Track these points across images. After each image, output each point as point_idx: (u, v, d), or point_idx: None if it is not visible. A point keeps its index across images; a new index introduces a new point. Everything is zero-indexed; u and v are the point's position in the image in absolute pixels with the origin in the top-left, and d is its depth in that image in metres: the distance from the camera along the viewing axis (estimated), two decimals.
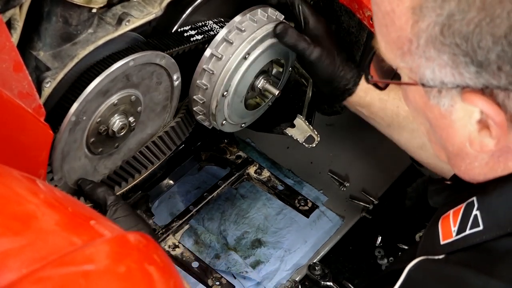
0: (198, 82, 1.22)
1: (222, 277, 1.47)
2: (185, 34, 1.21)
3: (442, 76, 0.71)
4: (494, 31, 0.65)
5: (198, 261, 1.48)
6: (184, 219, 1.55)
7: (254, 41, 1.21)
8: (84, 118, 1.11)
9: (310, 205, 1.61)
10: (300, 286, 1.55)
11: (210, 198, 1.59)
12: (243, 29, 1.20)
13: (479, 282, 0.73)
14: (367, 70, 0.81)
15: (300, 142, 1.43)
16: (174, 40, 1.20)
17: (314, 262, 1.58)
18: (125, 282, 0.61)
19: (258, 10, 1.22)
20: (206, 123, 1.31)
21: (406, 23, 0.70)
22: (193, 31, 1.22)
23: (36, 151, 1.02)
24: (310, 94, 1.44)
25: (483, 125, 0.72)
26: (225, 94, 1.23)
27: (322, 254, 1.62)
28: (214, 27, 1.25)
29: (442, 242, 0.80)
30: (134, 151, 1.31)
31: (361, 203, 1.72)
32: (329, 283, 1.53)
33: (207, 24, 1.26)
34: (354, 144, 1.84)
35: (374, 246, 1.63)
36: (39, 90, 1.03)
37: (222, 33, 1.20)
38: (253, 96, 1.34)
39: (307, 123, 1.43)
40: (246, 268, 1.57)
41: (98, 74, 1.07)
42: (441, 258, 0.80)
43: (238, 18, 1.21)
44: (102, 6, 1.04)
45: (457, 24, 0.67)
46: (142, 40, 1.17)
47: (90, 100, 1.09)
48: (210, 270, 1.48)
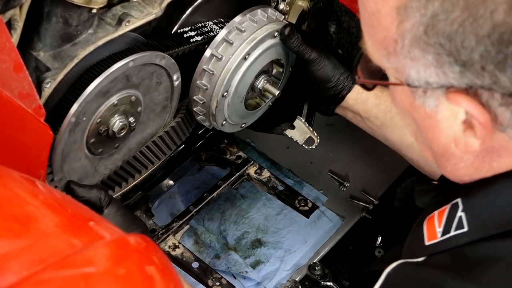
0: (198, 82, 1.22)
1: (222, 277, 1.47)
2: (185, 35, 1.21)
3: (426, 76, 0.71)
4: (477, 31, 0.65)
5: (198, 261, 1.48)
6: (184, 219, 1.55)
7: (254, 41, 1.21)
8: (84, 118, 1.11)
9: (310, 205, 1.61)
10: (300, 286, 1.55)
11: (210, 198, 1.59)
12: (243, 29, 1.20)
13: (455, 285, 0.73)
14: (355, 71, 0.82)
15: (300, 143, 1.43)
16: (174, 41, 1.20)
17: (314, 262, 1.58)
18: (125, 284, 0.61)
19: (258, 11, 1.22)
20: (206, 124, 1.31)
21: (391, 23, 0.70)
22: (193, 32, 1.22)
23: (36, 152, 1.02)
24: None
25: (468, 125, 0.72)
26: (225, 94, 1.23)
27: (322, 254, 1.62)
28: (214, 28, 1.25)
29: (427, 243, 0.80)
30: (135, 151, 1.31)
31: (361, 203, 1.72)
32: (329, 283, 1.53)
33: (207, 25, 1.26)
34: (354, 144, 1.84)
35: (374, 246, 1.63)
36: (39, 90, 1.03)
37: (222, 33, 1.20)
38: (253, 96, 1.34)
39: (307, 125, 1.43)
40: (246, 268, 1.57)
41: (98, 74, 1.07)
42: (420, 261, 0.80)
43: (238, 19, 1.20)
44: (102, 6, 1.04)
45: (441, 24, 0.67)
46: (142, 40, 1.17)
47: (90, 100, 1.08)
48: (210, 270, 1.48)
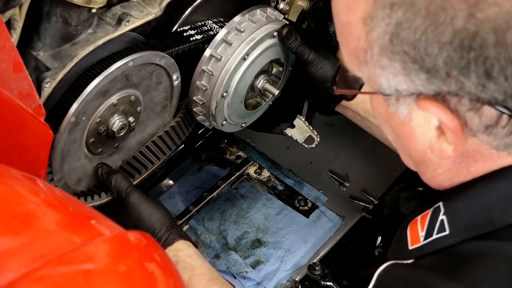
0: (197, 83, 1.22)
1: (222, 277, 1.47)
2: (184, 34, 1.21)
3: (396, 84, 0.72)
4: (439, 38, 0.66)
5: None
6: (184, 219, 1.55)
7: (253, 41, 1.21)
8: (83, 118, 1.11)
9: (310, 205, 1.61)
10: (300, 286, 1.55)
11: (210, 198, 1.59)
12: (242, 29, 1.20)
13: (444, 286, 0.75)
14: (334, 81, 0.83)
15: (300, 142, 1.43)
16: (173, 40, 1.20)
17: (314, 262, 1.58)
18: (125, 281, 0.62)
19: (257, 11, 1.22)
20: (206, 124, 1.32)
21: (360, 33, 0.72)
22: (192, 31, 1.22)
23: (36, 151, 1.02)
24: None
25: (441, 131, 0.73)
26: (224, 95, 1.23)
27: (322, 254, 1.62)
28: (214, 27, 1.25)
29: (411, 247, 0.81)
30: (134, 151, 1.31)
31: (361, 203, 1.72)
32: (329, 283, 1.53)
33: (207, 24, 1.26)
34: (354, 144, 1.84)
35: (374, 246, 1.63)
36: (39, 90, 1.03)
37: (221, 33, 1.20)
38: (253, 96, 1.34)
39: (307, 124, 1.43)
40: (246, 268, 1.57)
41: (98, 74, 1.07)
42: (409, 262, 0.81)
43: (237, 19, 1.21)
44: (101, 6, 1.04)
45: (404, 32, 0.68)
46: (142, 40, 1.17)
47: (90, 100, 1.09)
48: None
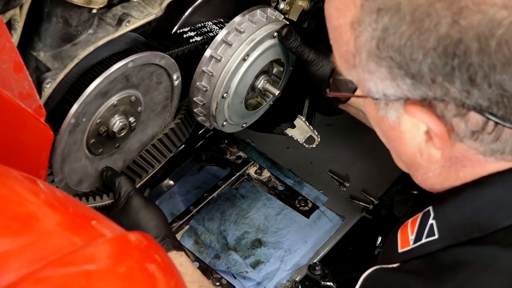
0: (198, 84, 1.22)
1: (222, 277, 1.47)
2: (184, 36, 1.21)
3: (383, 88, 0.73)
4: (423, 44, 0.67)
5: (198, 261, 1.49)
6: (184, 220, 1.55)
7: (253, 42, 1.21)
8: (83, 119, 1.11)
9: (310, 205, 1.61)
10: (300, 286, 1.55)
11: (210, 198, 1.59)
12: (242, 30, 1.20)
13: None
14: (327, 84, 0.84)
15: (300, 142, 1.43)
16: (173, 41, 1.20)
17: (314, 262, 1.58)
18: (126, 282, 0.61)
19: (257, 11, 1.22)
20: (206, 124, 1.32)
21: (349, 38, 0.73)
22: (192, 32, 1.22)
23: (36, 152, 1.02)
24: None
25: (430, 136, 0.74)
26: (225, 95, 1.23)
27: (322, 254, 1.62)
28: (214, 28, 1.25)
29: (400, 251, 0.82)
30: (135, 151, 1.31)
31: (361, 203, 1.72)
32: (329, 283, 1.53)
33: (207, 25, 1.26)
34: (354, 144, 1.84)
35: (374, 246, 1.63)
36: (39, 90, 1.03)
37: (221, 34, 1.20)
38: (253, 96, 1.34)
39: (307, 124, 1.43)
40: (246, 268, 1.57)
41: (97, 75, 1.07)
42: (394, 266, 0.82)
43: (237, 19, 1.20)
44: (102, 6, 1.03)
45: (390, 38, 0.68)
46: (143, 40, 1.17)
47: (90, 101, 1.08)
48: (210, 271, 1.48)
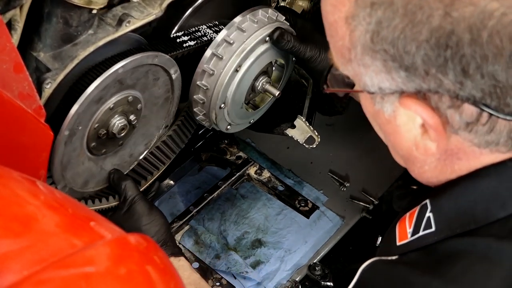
0: (195, 97, 1.23)
1: (222, 277, 1.47)
2: (178, 40, 1.20)
3: (379, 82, 0.73)
4: (416, 36, 0.68)
5: (198, 261, 1.49)
6: (184, 220, 1.55)
7: (244, 52, 1.20)
8: (79, 127, 1.11)
9: (310, 205, 1.61)
10: (300, 286, 1.55)
11: (210, 198, 1.59)
12: (232, 41, 1.20)
13: (422, 282, 0.76)
14: (324, 80, 0.84)
15: (300, 142, 1.43)
16: (167, 46, 1.18)
17: (314, 262, 1.58)
18: (125, 284, 0.61)
19: (247, 16, 1.21)
20: (210, 127, 1.32)
21: (345, 33, 0.74)
22: (186, 37, 1.21)
23: (36, 152, 1.02)
24: (311, 95, 1.44)
25: (425, 129, 0.74)
26: (222, 106, 1.24)
27: (322, 254, 1.62)
28: (208, 32, 1.24)
29: (398, 243, 0.83)
30: (142, 144, 1.31)
31: (361, 203, 1.72)
32: (329, 283, 1.53)
33: (200, 29, 1.25)
34: (354, 144, 1.84)
35: (374, 246, 1.63)
36: (40, 91, 1.03)
37: (211, 48, 1.20)
38: (254, 96, 1.34)
39: (308, 124, 1.43)
40: (246, 268, 1.57)
41: (88, 84, 1.06)
42: (393, 258, 0.82)
43: (224, 32, 1.20)
44: (102, 7, 1.03)
45: (384, 31, 0.69)
46: (143, 41, 1.17)
47: (83, 111, 1.08)
48: (210, 271, 1.48)
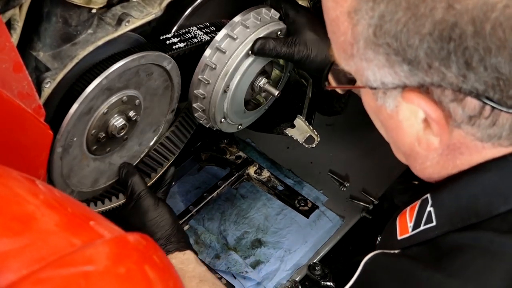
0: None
1: (222, 277, 1.47)
2: (167, 42, 1.19)
3: (381, 76, 0.73)
4: (419, 29, 0.67)
5: None
6: (184, 219, 1.55)
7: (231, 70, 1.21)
8: (74, 139, 1.10)
9: (310, 205, 1.61)
10: (300, 286, 1.55)
11: (210, 198, 1.59)
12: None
13: (425, 275, 0.77)
14: (325, 77, 0.84)
15: (300, 142, 1.43)
16: (155, 48, 1.17)
17: (314, 262, 1.58)
18: (124, 283, 0.61)
19: (240, 21, 1.21)
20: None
21: (347, 28, 0.73)
22: (176, 39, 1.20)
23: (36, 152, 1.02)
24: (310, 94, 1.44)
25: (427, 123, 0.74)
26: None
27: (322, 254, 1.62)
28: (198, 34, 1.23)
29: (399, 238, 0.83)
30: (150, 131, 1.30)
31: (361, 203, 1.72)
32: (329, 283, 1.53)
33: (191, 30, 1.23)
34: (354, 144, 1.84)
35: (374, 246, 1.63)
36: (39, 90, 1.03)
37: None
38: (253, 96, 1.34)
39: (307, 124, 1.43)
40: (246, 268, 1.57)
41: (74, 100, 1.05)
42: (396, 252, 0.83)
43: (219, 36, 1.20)
44: (101, 6, 1.03)
45: (387, 24, 0.69)
46: (143, 41, 1.17)
47: (73, 125, 1.07)
48: (210, 271, 1.48)
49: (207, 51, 1.21)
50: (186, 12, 1.23)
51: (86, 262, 0.60)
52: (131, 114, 1.18)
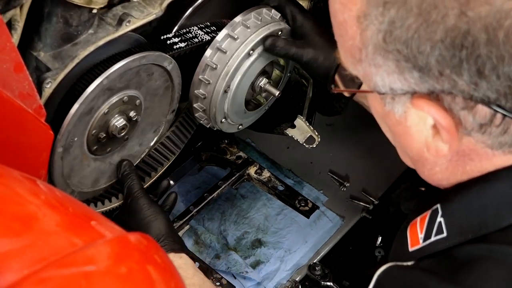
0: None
1: (222, 277, 1.47)
2: (168, 42, 1.19)
3: (390, 82, 0.72)
4: (431, 36, 0.66)
5: (198, 261, 1.48)
6: (184, 220, 1.55)
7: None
8: (75, 139, 1.10)
9: (310, 205, 1.61)
10: (300, 286, 1.55)
11: (210, 198, 1.59)
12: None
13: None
14: (332, 80, 0.83)
15: (300, 142, 1.43)
16: (155, 48, 1.17)
17: (314, 262, 1.58)
18: (126, 283, 0.61)
19: (240, 21, 1.21)
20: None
21: (355, 32, 0.72)
22: (176, 38, 1.20)
23: (36, 152, 1.02)
24: (311, 95, 1.44)
25: (437, 130, 0.73)
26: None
27: (322, 254, 1.62)
28: (199, 33, 1.23)
29: (411, 249, 0.81)
30: (150, 131, 1.30)
31: (361, 203, 1.72)
32: (329, 283, 1.53)
33: (192, 30, 1.23)
34: (354, 144, 1.84)
35: (374, 246, 1.63)
36: (40, 90, 1.03)
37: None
38: (253, 96, 1.34)
39: (308, 124, 1.43)
40: (246, 268, 1.57)
41: (76, 99, 1.05)
42: (409, 264, 0.81)
43: (220, 36, 1.20)
44: (102, 6, 1.03)
45: (397, 30, 0.68)
46: (143, 41, 1.17)
47: (74, 125, 1.07)
48: (210, 271, 1.48)
49: (208, 51, 1.21)
50: (187, 12, 1.23)
51: (87, 262, 0.60)
52: (132, 114, 1.19)
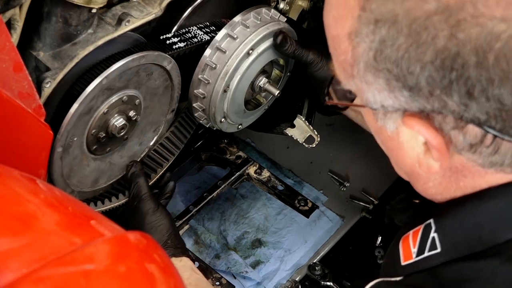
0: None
1: (222, 277, 1.47)
2: (167, 42, 1.19)
3: (381, 99, 0.72)
4: (420, 57, 0.66)
5: (198, 261, 1.49)
6: (184, 219, 1.55)
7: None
8: (74, 139, 1.10)
9: (310, 205, 1.61)
10: (300, 286, 1.55)
11: (210, 198, 1.59)
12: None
13: None
14: (327, 92, 0.83)
15: (300, 142, 1.43)
16: (155, 48, 1.16)
17: (314, 262, 1.58)
18: (125, 281, 0.61)
19: (240, 21, 1.21)
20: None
21: (347, 48, 0.72)
22: (176, 38, 1.20)
23: (36, 151, 1.02)
24: None
25: (428, 147, 0.73)
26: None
27: (322, 254, 1.62)
28: (198, 33, 1.23)
29: (403, 264, 0.81)
30: (150, 131, 1.30)
31: (361, 203, 1.72)
32: (329, 283, 1.53)
33: (191, 30, 1.23)
34: (354, 144, 1.84)
35: (374, 246, 1.63)
36: (39, 90, 1.03)
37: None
38: (253, 96, 1.34)
39: (307, 123, 1.43)
40: (246, 268, 1.57)
41: (75, 99, 1.05)
42: (398, 280, 0.81)
43: (220, 35, 1.20)
44: (102, 6, 1.03)
45: (388, 50, 0.67)
46: (143, 40, 1.17)
47: (73, 125, 1.07)
48: (210, 270, 1.48)
49: (207, 51, 1.21)
50: (186, 11, 1.23)
51: (87, 261, 0.60)
52: (131, 114, 1.19)
